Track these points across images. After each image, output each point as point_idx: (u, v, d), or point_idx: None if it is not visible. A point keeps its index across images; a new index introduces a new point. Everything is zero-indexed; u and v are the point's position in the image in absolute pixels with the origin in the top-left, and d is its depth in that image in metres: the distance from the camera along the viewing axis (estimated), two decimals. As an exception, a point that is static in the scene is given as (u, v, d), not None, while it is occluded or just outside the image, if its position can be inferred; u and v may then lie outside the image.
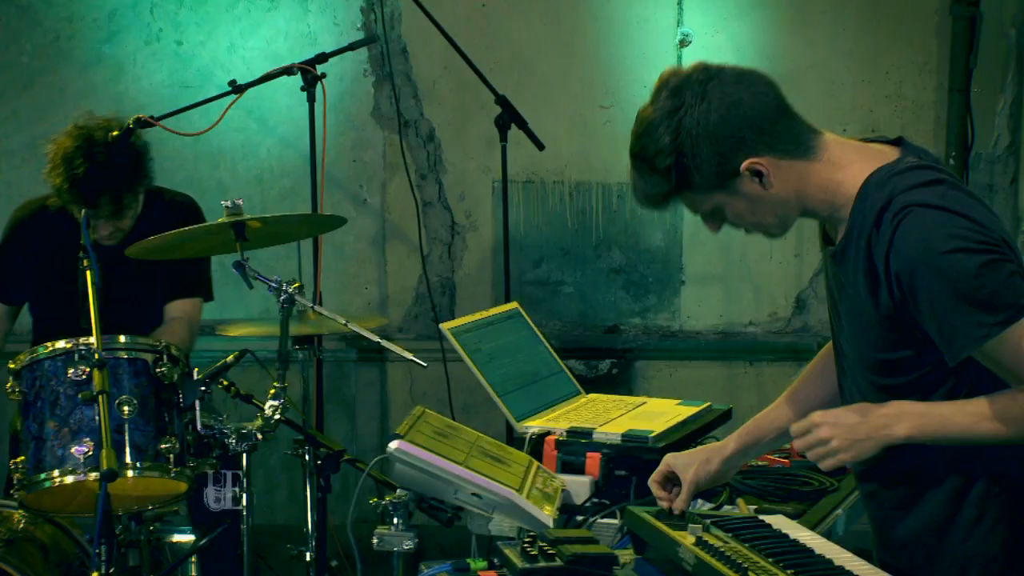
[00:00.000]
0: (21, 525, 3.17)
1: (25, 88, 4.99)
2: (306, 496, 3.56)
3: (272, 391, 3.20)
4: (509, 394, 2.83)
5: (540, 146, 4.26)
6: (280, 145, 5.05)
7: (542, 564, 2.14)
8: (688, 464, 2.46)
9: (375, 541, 2.40)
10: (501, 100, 4.20)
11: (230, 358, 3.31)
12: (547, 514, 2.38)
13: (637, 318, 5.16)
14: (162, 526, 3.54)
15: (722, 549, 2.06)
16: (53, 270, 3.82)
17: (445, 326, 2.86)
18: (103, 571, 2.65)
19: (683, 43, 5.03)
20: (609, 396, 3.10)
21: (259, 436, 3.17)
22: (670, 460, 2.49)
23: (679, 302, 5.16)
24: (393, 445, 2.35)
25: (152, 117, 3.62)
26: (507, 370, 2.89)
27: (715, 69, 2.22)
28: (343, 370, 5.16)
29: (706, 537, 2.13)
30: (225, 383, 3.31)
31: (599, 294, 5.15)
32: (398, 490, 2.46)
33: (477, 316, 2.98)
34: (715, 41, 5.02)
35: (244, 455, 3.21)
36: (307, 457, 3.52)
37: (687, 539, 2.13)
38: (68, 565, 3.21)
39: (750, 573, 1.97)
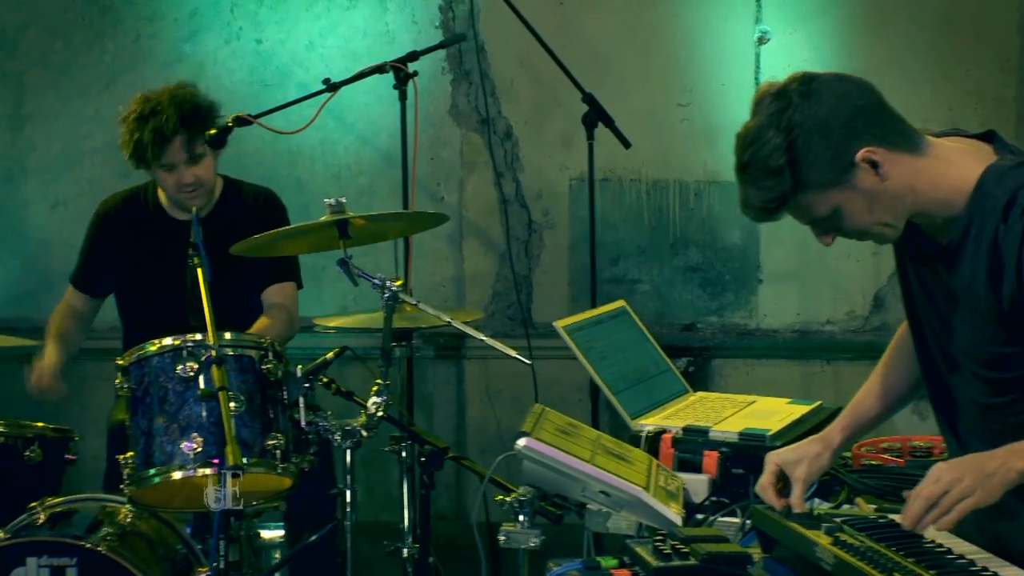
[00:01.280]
0: (128, 519, 3.20)
1: (107, 87, 5.03)
2: (402, 492, 3.59)
3: (375, 388, 3.21)
4: (622, 392, 2.84)
5: (626, 144, 4.26)
6: (358, 143, 5.08)
7: (676, 563, 2.14)
8: (798, 461, 2.43)
9: (501, 539, 2.40)
10: (588, 98, 4.20)
11: (330, 355, 3.34)
12: (675, 512, 2.38)
13: (714, 316, 5.15)
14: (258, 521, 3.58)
15: (861, 549, 2.05)
16: (139, 263, 3.88)
17: (559, 324, 2.88)
18: (221, 564, 2.67)
19: (761, 41, 5.02)
20: (717, 394, 3.11)
21: (364, 433, 3.19)
22: (777, 459, 2.45)
23: (756, 300, 5.15)
24: (521, 442, 2.35)
25: (250, 115, 3.65)
26: (619, 368, 2.90)
27: (812, 72, 2.24)
28: (420, 367, 5.17)
29: (842, 537, 2.12)
30: (325, 380, 3.33)
31: (676, 292, 5.15)
32: (521, 487, 2.46)
33: (588, 314, 2.99)
34: (793, 39, 5.02)
35: (348, 451, 3.24)
36: (404, 454, 3.55)
37: (823, 538, 2.12)
38: (172, 560, 3.24)
39: (895, 573, 1.96)
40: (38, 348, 3.82)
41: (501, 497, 2.45)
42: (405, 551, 3.51)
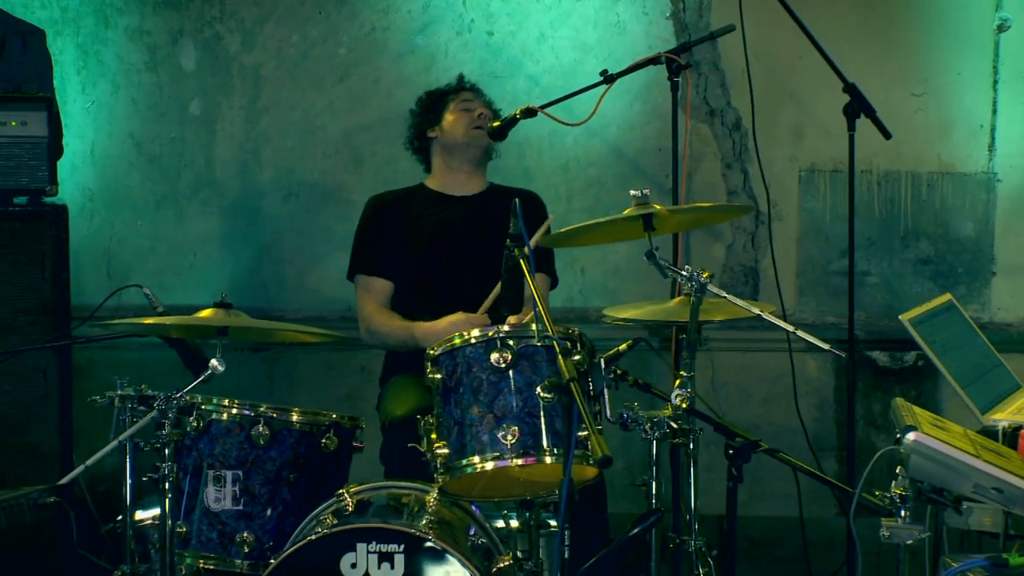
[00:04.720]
0: (435, 507, 3.22)
1: (341, 79, 5.09)
2: (689, 485, 3.56)
3: (679, 380, 3.21)
4: (969, 386, 2.79)
5: (887, 135, 4.19)
6: (586, 135, 5.07)
7: (1101, 562, 2.11)
8: None
9: (884, 534, 2.38)
10: (850, 88, 4.14)
11: (623, 347, 3.35)
12: (1069, 510, 2.34)
13: (945, 309, 5.07)
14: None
15: None
16: (420, 247, 4.04)
17: (904, 317, 2.85)
18: (567, 555, 2.68)
19: (1000, 28, 4.92)
20: (1053, 389, 3.05)
21: (673, 424, 3.19)
22: None
23: (989, 293, 5.06)
24: (911, 437, 2.33)
25: (537, 106, 3.68)
26: (960, 361, 2.86)
27: None
28: (644, 359, 5.16)
29: None
30: (619, 371, 3.34)
31: (906, 285, 5.07)
32: (893, 483, 2.43)
33: (924, 308, 2.96)
34: (1035, 26, 4.93)
35: (654, 443, 3.24)
36: (692, 446, 3.53)
37: None
38: (476, 548, 3.26)
39: None
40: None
41: (880, 492, 2.42)
42: (692, 544, 3.48)
